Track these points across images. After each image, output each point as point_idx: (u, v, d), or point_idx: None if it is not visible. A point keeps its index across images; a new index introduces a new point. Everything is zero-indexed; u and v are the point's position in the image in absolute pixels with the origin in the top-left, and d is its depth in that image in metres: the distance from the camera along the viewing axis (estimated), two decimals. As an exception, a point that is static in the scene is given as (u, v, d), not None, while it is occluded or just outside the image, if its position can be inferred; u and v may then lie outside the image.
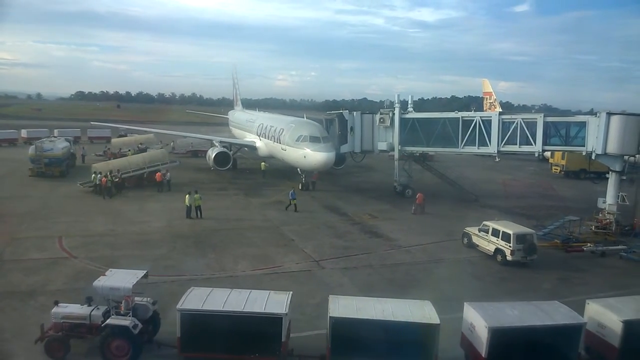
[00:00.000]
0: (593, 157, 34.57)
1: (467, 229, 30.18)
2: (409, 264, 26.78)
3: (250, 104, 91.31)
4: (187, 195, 34.14)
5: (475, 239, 29.32)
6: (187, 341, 15.17)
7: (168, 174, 43.08)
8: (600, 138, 33.17)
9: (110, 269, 17.90)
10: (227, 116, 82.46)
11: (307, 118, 50.28)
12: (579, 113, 53.54)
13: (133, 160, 45.86)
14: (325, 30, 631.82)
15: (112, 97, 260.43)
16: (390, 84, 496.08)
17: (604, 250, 29.63)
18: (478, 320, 15.28)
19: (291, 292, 16.67)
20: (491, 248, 27.81)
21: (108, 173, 40.30)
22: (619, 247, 30.24)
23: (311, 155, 40.35)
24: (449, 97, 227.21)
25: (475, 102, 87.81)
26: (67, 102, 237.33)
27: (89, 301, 16.74)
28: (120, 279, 16.42)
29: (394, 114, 42.81)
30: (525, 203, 43.20)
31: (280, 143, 45.66)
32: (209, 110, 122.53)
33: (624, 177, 34.66)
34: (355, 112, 44.86)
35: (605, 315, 16.13)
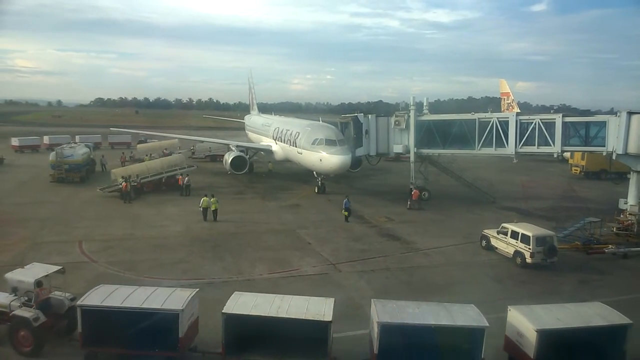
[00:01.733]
0: (614, 158, 33.98)
1: (486, 231, 29.89)
2: (426, 267, 26.61)
3: (266, 108, 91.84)
4: (203, 199, 34.47)
5: (494, 242, 29.02)
6: (87, 336, 15.58)
7: (187, 178, 43.50)
8: (621, 138, 32.61)
9: (33, 263, 18.92)
10: (244, 120, 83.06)
11: (322, 121, 50.39)
12: (599, 113, 52.69)
13: (151, 165, 46.44)
14: (340, 33, 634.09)
15: (131, 103, 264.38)
16: (406, 86, 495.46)
17: (626, 252, 29.07)
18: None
19: (197, 289, 17.07)
20: (510, 250, 27.48)
21: (128, 178, 40.86)
22: (642, 248, 29.63)
23: (327, 159, 40.38)
24: (465, 98, 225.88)
25: (492, 103, 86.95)
26: (86, 109, 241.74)
27: (14, 291, 17.22)
28: (30, 272, 17.30)
29: (409, 116, 42.63)
30: (544, 204, 42.62)
31: (296, 147, 45.81)
32: (225, 115, 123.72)
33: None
34: (370, 115, 44.72)
35: (523, 323, 15.56)
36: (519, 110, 66.58)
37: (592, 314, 15.85)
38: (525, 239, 26.51)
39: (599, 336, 15.44)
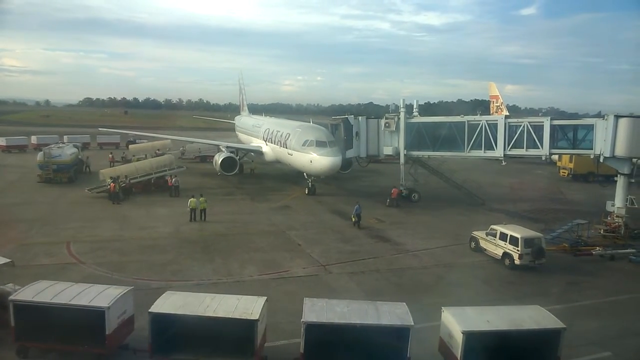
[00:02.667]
0: (601, 160, 34.39)
1: (475, 233, 30.07)
2: (416, 269, 26.71)
3: (256, 109, 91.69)
4: (190, 200, 34.34)
5: (483, 243, 29.19)
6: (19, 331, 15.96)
7: (175, 179, 43.24)
8: (609, 141, 33.03)
9: None
10: (234, 121, 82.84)
11: (313, 123, 50.39)
12: (587, 116, 53.12)
13: (140, 165, 46.11)
14: (331, 35, 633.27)
15: (120, 103, 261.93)
16: (397, 88, 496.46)
17: (613, 253, 29.43)
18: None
19: (131, 287, 17.25)
20: (499, 252, 27.67)
21: (116, 178, 40.52)
22: (628, 250, 30.01)
23: (318, 160, 40.40)
24: (455, 101, 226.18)
25: (481, 106, 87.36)
26: (75, 109, 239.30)
27: None
28: None
29: (399, 118, 42.80)
30: (533, 206, 42.99)
31: (286, 148, 45.77)
32: (215, 115, 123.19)
33: (633, 180, 34.39)
34: (360, 117, 44.84)
35: (452, 324, 15.59)
36: (507, 113, 67.00)
37: (526, 317, 15.80)
38: (513, 241, 26.71)
39: (531, 340, 15.35)
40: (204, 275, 24.20)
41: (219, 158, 50.38)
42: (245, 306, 15.61)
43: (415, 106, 44.92)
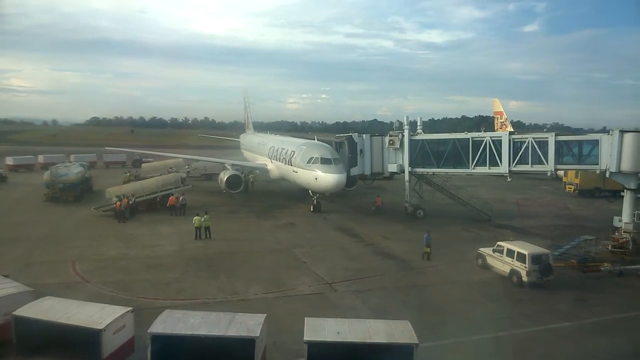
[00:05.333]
0: (607, 175, 34.21)
1: (481, 249, 29.86)
2: (422, 286, 26.48)
3: (261, 127, 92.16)
4: (196, 217, 34.35)
5: (489, 260, 28.96)
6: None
7: (182, 197, 43.31)
8: (614, 156, 32.89)
9: None
10: (239, 139, 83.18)
11: (317, 140, 50.58)
12: (592, 131, 53.22)
13: (146, 184, 46.29)
14: (335, 53, 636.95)
15: (126, 122, 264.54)
16: (401, 105, 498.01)
17: (622, 269, 29.07)
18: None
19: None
20: (506, 269, 27.42)
21: (122, 197, 40.68)
22: (637, 266, 29.62)
23: (322, 177, 40.45)
24: (459, 117, 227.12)
25: (485, 122, 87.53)
26: (81, 128, 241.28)
27: None
28: None
29: (403, 135, 42.92)
30: (539, 223, 42.69)
31: (291, 165, 45.89)
32: (221, 134, 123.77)
33: (640, 195, 34.16)
34: (364, 135, 45.06)
35: (306, 333, 15.41)
36: (512, 129, 66.99)
37: (382, 331, 15.59)
38: (521, 258, 26.48)
39: (382, 354, 15.12)
40: (209, 294, 24.08)
41: (224, 176, 50.55)
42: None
43: (419, 123, 45.14)
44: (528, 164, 37.49)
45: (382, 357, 15.10)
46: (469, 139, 40.26)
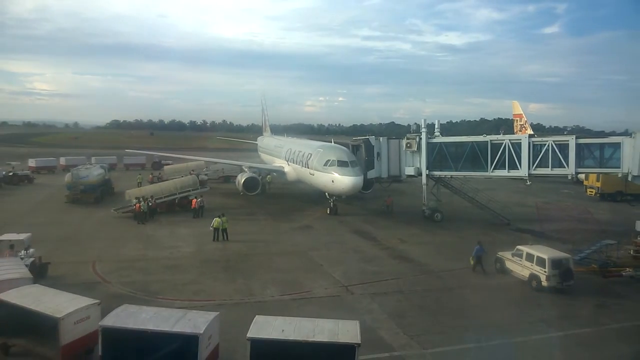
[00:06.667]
0: (629, 179, 33.60)
1: (500, 253, 29.51)
2: (440, 290, 26.28)
3: (278, 130, 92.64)
4: (216, 219, 34.66)
5: (508, 264, 28.61)
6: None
7: (200, 199, 43.72)
8: (636, 159, 32.35)
9: None
10: (256, 142, 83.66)
11: (334, 143, 50.61)
12: (613, 134, 52.31)
13: (165, 186, 46.85)
14: (352, 56, 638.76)
15: (146, 125, 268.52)
16: (418, 108, 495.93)
17: (644, 275, 28.44)
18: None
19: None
20: (525, 273, 27.04)
21: (142, 198, 41.25)
22: (660, 272, 28.98)
23: (339, 180, 40.45)
24: (477, 120, 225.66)
25: (505, 124, 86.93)
26: (102, 131, 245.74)
27: None
28: None
29: (420, 138, 42.71)
30: (559, 227, 42.01)
31: (308, 168, 45.99)
32: (238, 136, 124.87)
33: (663, 200, 33.45)
34: (381, 138, 44.93)
35: (250, 331, 15.38)
36: (531, 132, 66.21)
37: (327, 330, 15.41)
38: (540, 262, 26.10)
39: (325, 353, 14.98)
40: (226, 295, 24.24)
41: (241, 178, 50.89)
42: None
43: (436, 126, 44.85)
44: (548, 167, 37.02)
45: (324, 356, 15.10)
46: (487, 141, 39.89)
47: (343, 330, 15.58)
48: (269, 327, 15.63)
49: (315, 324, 16.12)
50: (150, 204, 41.31)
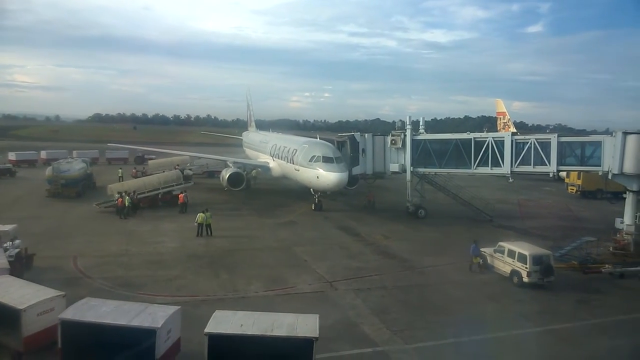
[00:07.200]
0: (609, 177, 34.15)
1: (482, 249, 29.81)
2: (423, 286, 26.47)
3: (264, 125, 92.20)
4: (200, 214, 34.43)
5: (490, 260, 28.93)
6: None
7: (184, 194, 43.28)
8: (617, 158, 32.82)
9: None
10: (241, 137, 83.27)
11: (320, 139, 50.56)
12: (595, 133, 53.10)
13: (148, 181, 46.37)
14: (338, 52, 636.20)
15: (129, 119, 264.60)
16: (404, 105, 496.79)
17: (623, 271, 28.98)
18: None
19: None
20: (507, 269, 27.40)
21: (124, 193, 40.76)
22: (638, 268, 29.56)
23: (324, 176, 40.45)
24: (462, 117, 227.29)
25: (488, 122, 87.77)
26: (84, 124, 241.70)
27: None
28: None
29: (405, 135, 42.89)
30: (541, 223, 42.64)
31: (293, 163, 45.90)
32: (223, 131, 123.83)
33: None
34: (366, 134, 45.04)
35: (208, 325, 15.52)
36: (514, 130, 66.95)
37: (286, 324, 15.57)
38: (522, 258, 26.45)
39: (284, 347, 15.08)
40: (210, 291, 24.11)
41: (226, 174, 50.59)
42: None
43: (421, 123, 45.03)
44: (530, 164, 37.47)
45: (282, 350, 15.13)
46: (471, 139, 40.22)
47: (302, 325, 15.66)
48: (227, 322, 15.65)
49: (275, 318, 16.19)
50: (132, 199, 40.85)
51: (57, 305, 17.14)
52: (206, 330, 15.13)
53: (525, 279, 26.06)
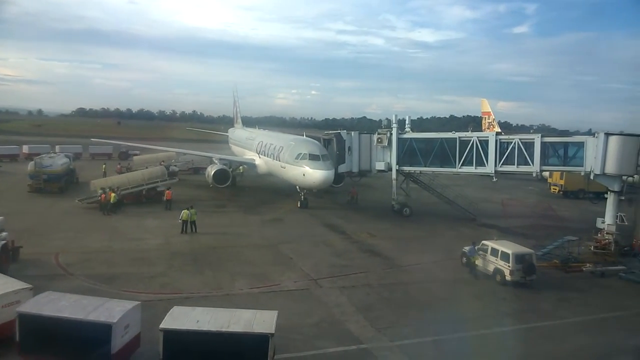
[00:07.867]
0: (591, 177, 34.68)
1: (466, 248, 30.05)
2: (407, 284, 26.62)
3: (250, 122, 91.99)
4: (184, 211, 34.18)
5: (474, 259, 29.16)
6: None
7: (170, 190, 42.89)
8: (599, 158, 33.36)
9: None
10: (227, 134, 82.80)
11: (306, 136, 50.51)
12: (578, 133, 53.87)
13: (132, 177, 45.87)
14: (326, 50, 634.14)
15: (113, 114, 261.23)
16: (390, 103, 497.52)
17: (603, 270, 29.54)
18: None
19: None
20: (490, 268, 27.67)
21: (108, 189, 40.26)
22: (618, 267, 30.16)
23: (310, 173, 40.43)
24: (447, 117, 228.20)
25: (473, 122, 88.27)
26: (67, 119, 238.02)
27: None
28: None
29: (391, 133, 43.05)
30: (524, 223, 43.09)
31: (279, 161, 45.79)
32: (209, 127, 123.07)
33: (623, 198, 34.62)
34: (353, 132, 45.16)
35: (164, 321, 15.71)
36: (499, 130, 67.57)
37: (243, 320, 15.75)
38: (504, 257, 26.74)
39: (239, 343, 15.29)
40: (194, 288, 23.95)
41: (211, 170, 50.25)
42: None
43: (407, 122, 45.23)
44: (514, 164, 37.89)
45: (238, 346, 15.25)
46: (456, 138, 40.53)
47: (259, 321, 15.74)
48: (184, 318, 15.68)
49: (233, 314, 16.26)
50: (117, 195, 40.38)
51: (24, 298, 17.01)
52: (161, 325, 15.18)
53: (508, 277, 26.36)
